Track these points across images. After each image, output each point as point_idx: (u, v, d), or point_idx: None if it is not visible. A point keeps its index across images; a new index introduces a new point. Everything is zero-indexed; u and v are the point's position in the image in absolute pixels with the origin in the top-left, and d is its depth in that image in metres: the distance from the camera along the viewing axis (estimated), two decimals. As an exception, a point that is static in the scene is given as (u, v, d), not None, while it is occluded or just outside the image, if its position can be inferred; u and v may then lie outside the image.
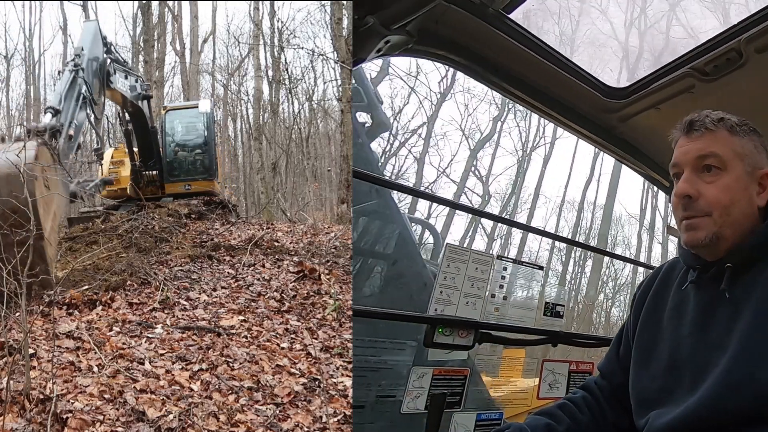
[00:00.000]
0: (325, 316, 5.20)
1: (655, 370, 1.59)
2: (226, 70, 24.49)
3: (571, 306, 22.59)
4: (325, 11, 18.49)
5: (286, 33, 19.29)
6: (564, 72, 2.32)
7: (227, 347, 4.34)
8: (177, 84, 22.32)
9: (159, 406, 3.34)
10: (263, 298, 5.62)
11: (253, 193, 19.57)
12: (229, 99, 24.06)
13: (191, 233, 8.51)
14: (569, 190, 25.76)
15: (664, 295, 1.68)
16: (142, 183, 10.60)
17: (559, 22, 5.35)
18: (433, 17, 1.88)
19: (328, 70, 21.48)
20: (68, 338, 4.26)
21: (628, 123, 2.62)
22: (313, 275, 6.19)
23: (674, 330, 1.58)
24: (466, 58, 2.14)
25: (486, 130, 24.59)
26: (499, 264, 2.60)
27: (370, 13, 1.65)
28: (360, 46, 1.70)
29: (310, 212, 14.38)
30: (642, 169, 2.99)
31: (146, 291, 5.55)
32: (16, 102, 24.04)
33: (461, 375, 2.48)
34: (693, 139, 1.52)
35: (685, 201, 1.50)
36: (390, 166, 21.22)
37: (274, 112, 20.14)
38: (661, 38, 8.06)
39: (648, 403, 1.57)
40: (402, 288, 3.34)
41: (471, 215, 25.49)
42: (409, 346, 2.59)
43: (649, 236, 25.82)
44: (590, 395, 1.79)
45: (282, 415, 3.48)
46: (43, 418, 3.09)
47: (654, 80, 2.42)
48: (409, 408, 2.32)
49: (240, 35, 23.20)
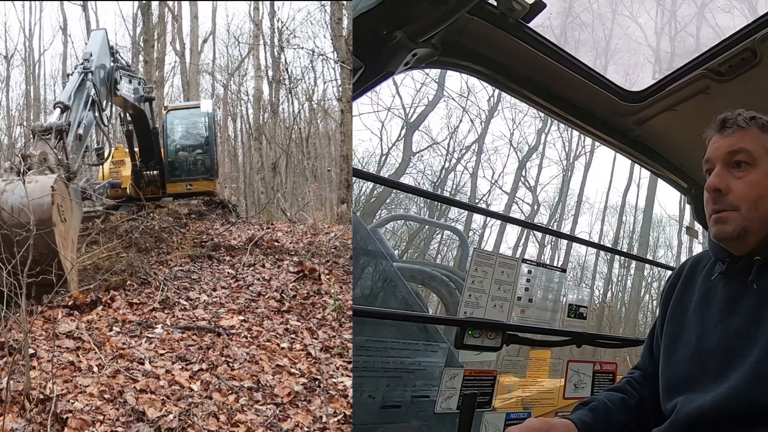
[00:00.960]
0: (325, 316, 5.20)
1: (682, 357, 1.63)
2: (226, 70, 24.52)
3: (619, 307, 23.31)
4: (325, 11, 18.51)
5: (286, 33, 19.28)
6: (582, 77, 2.36)
7: (227, 347, 4.34)
8: (177, 84, 22.34)
9: (159, 406, 3.35)
10: (263, 298, 5.62)
11: (253, 193, 19.57)
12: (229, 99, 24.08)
13: (191, 233, 8.52)
14: (611, 196, 26.91)
15: (691, 286, 1.73)
16: (143, 183, 10.60)
17: (579, 29, 5.43)
18: (456, 29, 1.94)
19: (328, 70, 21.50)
20: (68, 338, 4.26)
21: (645, 126, 2.64)
22: (313, 275, 6.19)
23: (701, 319, 1.63)
24: (488, 67, 2.19)
25: (532, 142, 25.96)
26: (524, 267, 2.69)
27: (398, 27, 1.70)
28: (389, 59, 1.74)
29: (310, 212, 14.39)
30: (659, 170, 3.02)
31: (146, 291, 5.55)
32: (16, 102, 24.06)
33: (490, 375, 2.56)
34: (725, 136, 1.58)
35: (714, 195, 1.55)
36: (449, 182, 22.30)
37: (274, 112, 20.14)
38: (678, 41, 8.12)
39: (674, 390, 1.62)
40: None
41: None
42: (441, 348, 2.66)
43: (689, 237, 26.36)
44: (642, 377, 1.88)
45: (282, 415, 3.48)
46: (43, 418, 3.09)
47: (669, 83, 2.44)
48: (442, 408, 2.40)
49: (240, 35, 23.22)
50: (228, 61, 24.44)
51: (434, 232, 22.05)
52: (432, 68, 2.02)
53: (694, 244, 23.78)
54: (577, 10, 5.70)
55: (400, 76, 2.00)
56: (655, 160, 2.92)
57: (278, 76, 19.14)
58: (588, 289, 13.86)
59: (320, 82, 25.78)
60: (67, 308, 4.90)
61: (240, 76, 23.60)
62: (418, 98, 23.35)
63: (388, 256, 3.51)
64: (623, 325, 21.85)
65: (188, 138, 11.40)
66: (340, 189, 13.52)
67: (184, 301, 5.42)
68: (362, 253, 3.24)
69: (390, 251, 3.45)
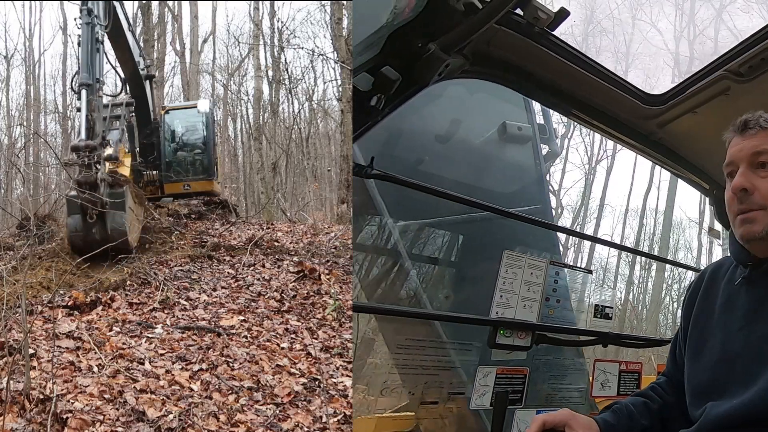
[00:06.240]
0: (325, 316, 5.20)
1: (707, 363, 1.64)
2: (226, 70, 24.49)
3: (640, 308, 23.52)
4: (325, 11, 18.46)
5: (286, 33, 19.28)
6: (605, 82, 2.39)
7: (227, 347, 4.34)
8: (177, 84, 22.31)
9: (159, 406, 3.35)
10: (263, 298, 5.62)
11: (253, 193, 19.55)
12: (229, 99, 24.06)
13: (191, 233, 8.52)
14: (632, 199, 26.97)
15: (713, 292, 1.74)
16: (142, 183, 10.59)
17: (600, 35, 5.49)
18: (485, 39, 2.00)
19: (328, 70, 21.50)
20: (68, 338, 4.26)
21: (666, 128, 2.67)
22: (313, 275, 6.19)
23: (725, 325, 1.63)
24: (516, 75, 2.25)
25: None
26: (552, 269, 2.76)
27: (432, 40, 1.77)
28: (424, 70, 1.82)
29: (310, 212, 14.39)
30: (681, 172, 3.04)
31: (146, 291, 5.56)
32: (16, 102, 24.02)
33: (521, 374, 2.66)
34: (747, 138, 1.58)
35: (740, 194, 1.55)
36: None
37: (274, 112, 20.13)
38: (697, 44, 8.15)
39: (702, 395, 1.63)
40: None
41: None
42: (475, 347, 2.74)
43: (708, 239, 26.91)
44: (667, 384, 1.91)
45: (282, 415, 3.48)
46: (43, 418, 3.09)
47: (690, 85, 2.46)
48: (476, 404, 2.51)
49: (240, 35, 23.18)
50: (228, 61, 24.44)
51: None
52: (463, 78, 2.11)
53: (714, 247, 24.17)
54: (599, 17, 5.73)
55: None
56: (677, 162, 2.94)
57: (278, 76, 19.13)
58: (612, 290, 14.03)
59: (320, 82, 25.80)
60: (67, 308, 4.90)
61: (240, 76, 23.60)
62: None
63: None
64: (645, 326, 22.00)
65: (186, 138, 11.35)
66: (340, 189, 13.50)
67: (184, 301, 5.42)
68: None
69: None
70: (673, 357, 1.90)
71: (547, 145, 4.01)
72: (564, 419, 1.61)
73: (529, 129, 3.58)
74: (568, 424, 1.60)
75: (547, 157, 4.11)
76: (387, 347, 2.71)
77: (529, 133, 3.59)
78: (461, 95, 3.16)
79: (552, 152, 4.12)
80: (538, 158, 3.74)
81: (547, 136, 3.98)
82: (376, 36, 1.78)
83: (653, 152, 2.84)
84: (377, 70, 1.72)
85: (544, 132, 3.86)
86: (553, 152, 4.14)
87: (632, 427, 1.74)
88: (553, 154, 4.16)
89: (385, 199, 2.91)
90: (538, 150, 3.74)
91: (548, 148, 4.03)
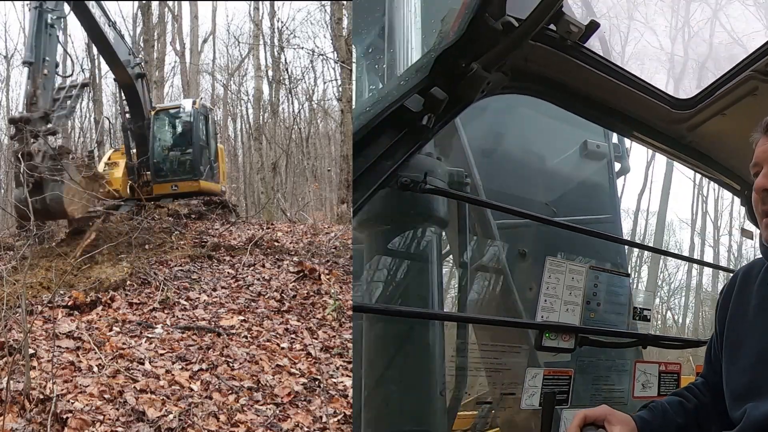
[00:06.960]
0: (325, 316, 5.20)
1: (745, 364, 1.64)
2: (226, 70, 24.54)
3: (677, 310, 23.77)
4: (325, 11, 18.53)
5: (286, 33, 19.32)
6: (635, 90, 2.43)
7: (227, 347, 4.34)
8: (177, 84, 22.36)
9: (159, 406, 3.34)
10: (263, 298, 5.62)
11: (253, 193, 19.57)
12: (229, 99, 24.10)
13: (191, 233, 8.52)
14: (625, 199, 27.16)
15: (747, 294, 1.73)
16: (139, 183, 10.59)
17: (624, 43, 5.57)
18: (522, 56, 2.09)
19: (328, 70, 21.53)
20: (68, 338, 4.26)
21: (697, 131, 2.69)
22: (313, 275, 6.19)
23: (761, 326, 1.63)
24: (552, 88, 2.33)
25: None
26: (592, 273, 2.88)
27: (474, 59, 1.87)
28: (468, 89, 1.92)
29: (310, 212, 14.41)
30: (713, 174, 3.07)
31: (146, 291, 5.56)
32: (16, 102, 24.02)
33: (567, 375, 2.79)
34: None
35: (764, 195, 1.54)
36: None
37: (274, 112, 20.15)
38: (715, 46, 8.13)
39: (741, 397, 1.63)
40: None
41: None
42: (523, 349, 2.89)
43: (700, 240, 27.42)
44: (703, 385, 1.94)
45: (282, 415, 3.48)
46: (43, 418, 3.09)
47: (718, 87, 2.47)
48: (526, 404, 2.63)
49: (240, 35, 23.26)
50: (228, 61, 24.50)
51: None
52: (504, 93, 2.23)
53: (744, 248, 24.33)
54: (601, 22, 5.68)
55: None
56: (708, 165, 2.97)
57: (278, 76, 19.15)
58: (650, 292, 14.12)
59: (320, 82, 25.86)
60: (67, 308, 4.90)
61: (240, 76, 23.65)
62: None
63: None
64: (683, 328, 22.06)
65: (173, 138, 11.28)
66: (340, 189, 13.51)
67: (184, 301, 5.42)
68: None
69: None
70: (709, 359, 1.91)
71: (620, 162, 4.40)
72: (603, 414, 1.65)
73: (605, 147, 4.00)
74: (606, 418, 1.65)
75: (619, 173, 4.50)
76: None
77: (605, 150, 4.00)
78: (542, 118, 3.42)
79: (623, 168, 4.50)
80: (612, 174, 4.15)
81: (620, 155, 4.37)
82: (424, 59, 1.90)
83: (686, 156, 2.88)
84: (427, 91, 1.81)
85: (617, 150, 4.27)
86: (624, 168, 4.51)
87: (667, 424, 1.77)
88: (624, 170, 4.53)
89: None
90: (612, 167, 4.15)
91: (620, 164, 4.43)
